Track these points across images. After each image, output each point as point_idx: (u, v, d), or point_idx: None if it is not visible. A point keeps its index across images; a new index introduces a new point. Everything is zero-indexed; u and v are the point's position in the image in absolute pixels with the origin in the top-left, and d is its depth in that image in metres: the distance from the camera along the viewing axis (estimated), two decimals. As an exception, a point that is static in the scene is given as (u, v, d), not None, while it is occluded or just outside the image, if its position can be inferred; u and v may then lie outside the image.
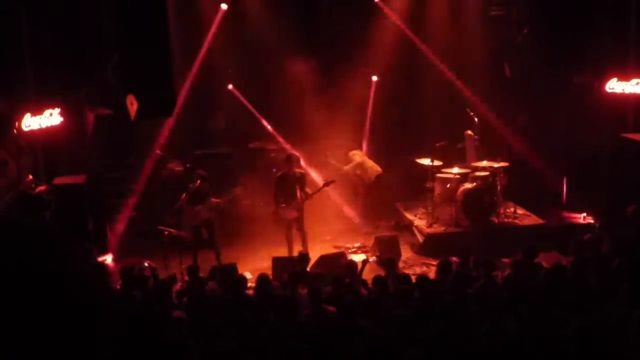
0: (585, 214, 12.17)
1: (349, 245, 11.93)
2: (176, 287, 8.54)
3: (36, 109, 10.53)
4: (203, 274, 8.62)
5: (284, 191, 11.05)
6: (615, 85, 12.31)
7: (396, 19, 13.88)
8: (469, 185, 11.93)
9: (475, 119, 12.75)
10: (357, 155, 12.98)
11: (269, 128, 14.03)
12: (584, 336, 5.47)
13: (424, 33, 13.97)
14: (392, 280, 8.03)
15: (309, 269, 9.22)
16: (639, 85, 12.16)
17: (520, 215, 12.41)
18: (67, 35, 11.03)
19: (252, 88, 13.86)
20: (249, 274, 9.96)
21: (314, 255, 10.10)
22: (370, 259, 10.64)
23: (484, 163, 12.10)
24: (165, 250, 10.42)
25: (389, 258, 9.34)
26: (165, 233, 10.41)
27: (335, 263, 9.82)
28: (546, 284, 7.37)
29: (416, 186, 12.73)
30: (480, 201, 11.86)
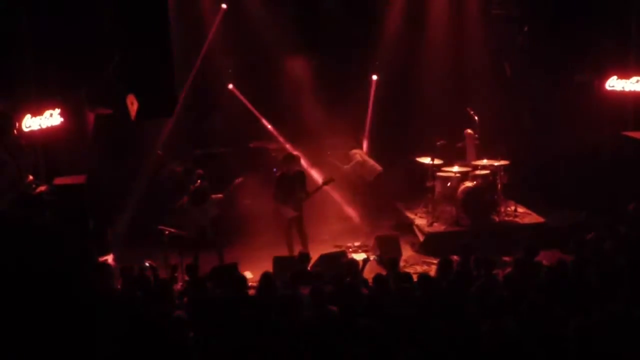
0: (586, 212, 12.17)
1: (349, 244, 11.92)
2: (177, 287, 8.55)
3: (36, 110, 10.54)
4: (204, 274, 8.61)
5: (283, 191, 11.05)
6: (616, 83, 12.32)
7: (396, 19, 13.88)
8: (469, 184, 11.94)
9: (476, 117, 12.75)
10: (358, 154, 12.98)
11: (269, 128, 14.05)
12: (584, 335, 5.48)
13: (424, 33, 13.96)
14: (393, 279, 8.03)
15: (309, 268, 9.22)
16: (639, 83, 12.16)
17: (521, 213, 12.44)
18: (67, 35, 11.00)
19: (253, 88, 13.86)
20: (249, 274, 9.97)
21: (315, 254, 10.10)
22: (371, 258, 10.65)
23: (485, 161, 12.11)
24: (166, 250, 10.42)
25: (390, 257, 9.33)
26: (166, 233, 10.41)
27: (336, 262, 9.81)
28: (547, 283, 7.38)
29: (416, 185, 12.74)
30: (480, 200, 11.88)
